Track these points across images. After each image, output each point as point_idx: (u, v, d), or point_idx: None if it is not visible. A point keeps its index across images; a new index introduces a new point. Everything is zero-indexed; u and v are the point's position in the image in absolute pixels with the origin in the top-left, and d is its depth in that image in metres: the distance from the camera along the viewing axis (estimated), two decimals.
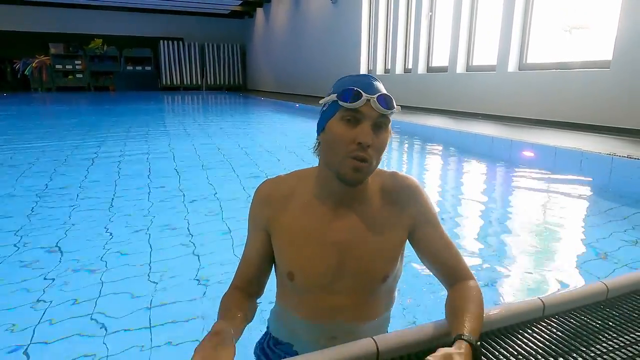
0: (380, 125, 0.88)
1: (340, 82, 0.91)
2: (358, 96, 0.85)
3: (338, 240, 0.96)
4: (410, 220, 0.99)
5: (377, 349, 0.86)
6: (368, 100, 0.86)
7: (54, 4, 17.01)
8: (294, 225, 0.97)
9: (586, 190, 3.37)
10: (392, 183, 1.00)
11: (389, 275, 1.00)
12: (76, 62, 17.98)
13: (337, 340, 1.02)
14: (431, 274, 1.05)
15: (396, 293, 1.11)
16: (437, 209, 1.06)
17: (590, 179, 3.42)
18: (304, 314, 1.02)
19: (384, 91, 0.88)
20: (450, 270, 0.99)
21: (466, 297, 0.92)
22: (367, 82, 0.89)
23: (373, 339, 0.87)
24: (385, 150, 0.91)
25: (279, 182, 1.02)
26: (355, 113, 0.86)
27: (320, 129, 0.93)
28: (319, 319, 1.01)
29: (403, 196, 0.99)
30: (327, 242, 0.96)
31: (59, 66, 17.74)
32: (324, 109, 0.93)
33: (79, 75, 18.18)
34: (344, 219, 0.97)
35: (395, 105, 0.89)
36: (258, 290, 1.07)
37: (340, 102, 0.87)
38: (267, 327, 1.17)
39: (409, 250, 1.07)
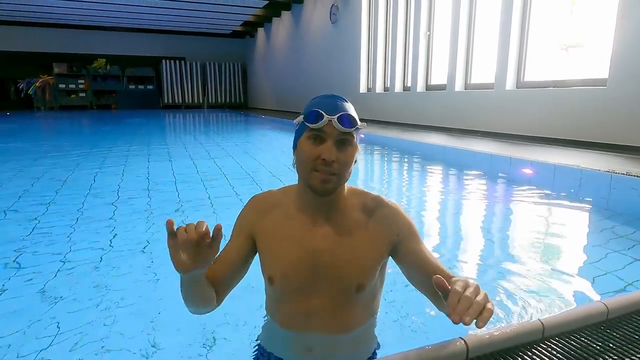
0: (343, 141, 0.96)
1: (309, 104, 1.00)
2: (320, 117, 0.94)
3: (313, 246, 1.01)
4: (394, 236, 1.04)
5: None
6: (330, 120, 0.94)
7: (58, 25, 17.27)
8: (275, 232, 1.05)
9: (585, 208, 3.36)
10: (375, 204, 1.06)
11: (364, 286, 1.02)
12: (79, 81, 18.20)
13: (313, 352, 1.05)
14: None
15: (377, 308, 1.13)
16: (437, 226, 1.08)
17: (590, 197, 3.41)
18: (282, 319, 1.06)
19: (346, 111, 0.96)
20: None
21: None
22: (331, 103, 0.97)
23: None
24: (354, 162, 0.99)
25: (268, 194, 1.13)
26: (319, 132, 0.95)
27: (294, 146, 1.02)
28: (295, 326, 1.04)
29: (388, 215, 1.05)
30: (303, 248, 1.02)
31: (62, 85, 17.92)
32: (296, 128, 1.01)
33: (81, 94, 18.36)
34: (321, 228, 1.03)
35: (358, 123, 0.97)
36: (219, 291, 1.03)
37: (306, 123, 0.96)
38: (258, 337, 1.22)
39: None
